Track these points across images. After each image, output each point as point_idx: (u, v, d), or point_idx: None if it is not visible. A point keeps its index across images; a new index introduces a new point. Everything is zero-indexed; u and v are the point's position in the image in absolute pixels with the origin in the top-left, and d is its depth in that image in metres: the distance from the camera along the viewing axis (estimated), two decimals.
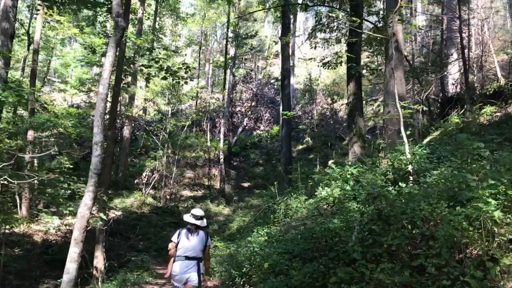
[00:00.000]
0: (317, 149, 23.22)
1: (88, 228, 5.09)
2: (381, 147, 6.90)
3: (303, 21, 45.79)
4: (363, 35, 12.69)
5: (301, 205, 6.71)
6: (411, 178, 5.14)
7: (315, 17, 12.60)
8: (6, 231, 9.32)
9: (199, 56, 29.85)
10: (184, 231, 5.29)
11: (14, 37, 15.28)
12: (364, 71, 13.40)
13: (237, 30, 23.62)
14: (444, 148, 6.98)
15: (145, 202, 17.52)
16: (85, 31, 20.75)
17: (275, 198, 8.80)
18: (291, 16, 23.15)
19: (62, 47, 31.03)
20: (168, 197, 18.73)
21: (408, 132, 6.79)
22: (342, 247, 4.19)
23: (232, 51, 24.78)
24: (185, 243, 5.16)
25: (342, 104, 16.00)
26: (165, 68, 9.35)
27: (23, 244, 11.33)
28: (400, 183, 4.74)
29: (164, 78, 9.70)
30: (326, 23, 11.88)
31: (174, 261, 5.17)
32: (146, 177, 19.08)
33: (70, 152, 15.76)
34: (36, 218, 12.43)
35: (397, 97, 5.79)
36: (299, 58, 38.58)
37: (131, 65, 8.64)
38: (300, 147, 26.18)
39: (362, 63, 12.87)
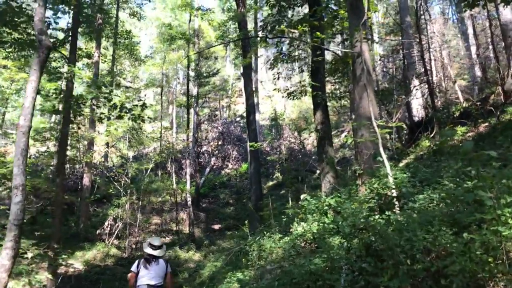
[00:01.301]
0: (287, 184, 22.69)
1: None
2: (357, 174, 6.34)
3: (264, 60, 46.43)
4: (326, 63, 12.51)
5: (276, 244, 5.98)
6: (397, 204, 4.56)
7: (275, 47, 12.30)
8: None
9: (161, 97, 29.25)
10: (142, 260, 5.43)
11: None
12: (330, 100, 13.15)
13: (198, 68, 23.29)
14: (424, 171, 6.51)
15: (108, 254, 16.25)
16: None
17: (246, 239, 8.02)
18: (252, 55, 23.12)
19: (18, 97, 29.79)
20: (133, 246, 17.46)
21: (380, 159, 6.30)
22: None
23: (194, 91, 24.34)
24: (145, 273, 5.23)
25: (310, 133, 15.64)
26: (119, 106, 8.63)
27: None
28: (386, 212, 4.16)
29: (119, 117, 8.95)
30: (287, 53, 11.60)
31: None
32: (109, 226, 17.82)
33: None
34: None
35: (373, 116, 5.30)
36: (263, 96, 38.83)
37: (81, 104, 7.89)
38: (271, 183, 25.55)
39: (327, 92, 12.57)
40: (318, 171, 25.90)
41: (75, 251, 15.90)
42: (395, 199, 4.55)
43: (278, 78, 11.86)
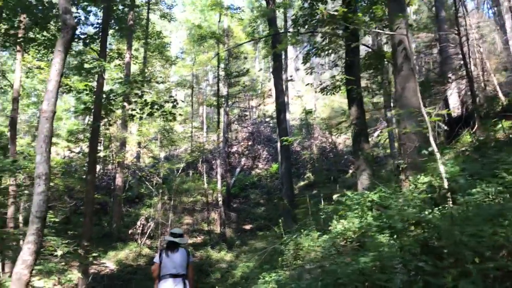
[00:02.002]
0: (319, 184, 22.24)
1: None
2: (401, 168, 5.92)
3: (294, 59, 46.00)
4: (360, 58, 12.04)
5: (314, 243, 5.64)
6: (450, 198, 4.15)
7: (308, 41, 11.93)
8: None
9: (192, 99, 29.35)
10: (164, 250, 5.41)
11: None
12: (365, 96, 12.70)
13: (228, 67, 23.16)
14: (473, 165, 6.03)
15: (141, 253, 16.25)
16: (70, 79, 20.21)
17: (280, 238, 7.69)
18: (282, 53, 22.80)
19: None
20: (161, 241, 17.46)
21: (430, 149, 5.86)
22: None
23: (224, 91, 24.25)
24: (167, 261, 5.20)
25: (342, 132, 15.17)
26: (150, 103, 8.50)
27: None
28: (440, 206, 3.77)
29: (150, 114, 8.82)
30: (320, 47, 11.23)
31: (159, 281, 5.15)
32: (141, 226, 17.87)
33: (57, 205, 14.73)
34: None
35: (421, 103, 4.90)
36: (293, 96, 38.39)
37: (112, 100, 7.80)
38: (302, 183, 25.10)
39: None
40: (351, 171, 25.37)
41: (108, 250, 15.99)
42: (449, 192, 4.14)
43: (311, 73, 11.51)
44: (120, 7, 12.13)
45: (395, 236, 3.57)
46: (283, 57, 25.61)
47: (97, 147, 7.97)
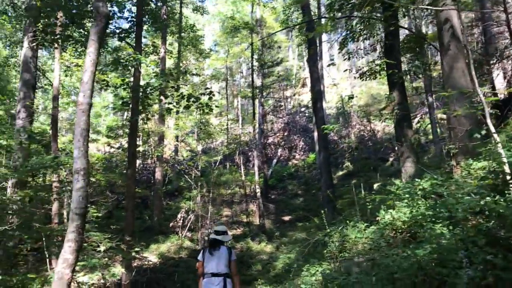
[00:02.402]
0: (359, 173, 21.74)
1: None
2: (451, 153, 5.55)
3: (328, 48, 45.11)
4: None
5: (361, 234, 5.38)
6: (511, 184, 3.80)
7: (345, 25, 11.52)
8: None
9: (226, 91, 29.36)
10: (207, 249, 5.49)
11: (36, 87, 15.05)
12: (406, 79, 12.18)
13: (262, 57, 22.94)
14: None
15: (182, 246, 16.41)
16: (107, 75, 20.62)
17: (323, 229, 7.46)
18: (317, 40, 22.33)
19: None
20: (206, 238, 17.56)
21: (483, 132, 5.47)
22: None
23: (259, 82, 24.07)
24: (210, 260, 5.32)
25: (381, 119, 14.61)
26: (186, 96, 8.43)
27: None
28: (504, 192, 3.45)
29: (187, 107, 8.76)
30: (358, 30, 10.81)
31: (203, 279, 5.28)
32: (181, 219, 18.07)
33: (99, 201, 15.03)
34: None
35: (476, 83, 4.52)
36: (328, 84, 37.70)
37: (149, 94, 7.78)
38: (340, 172, 24.66)
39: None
40: (391, 159, 24.70)
41: (149, 244, 16.23)
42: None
43: (348, 59, 11.11)
44: (154, 0, 12.11)
45: (454, 227, 3.28)
46: (318, 45, 25.12)
47: (136, 141, 7.98)
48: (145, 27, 17.09)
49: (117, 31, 8.46)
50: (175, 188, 23.29)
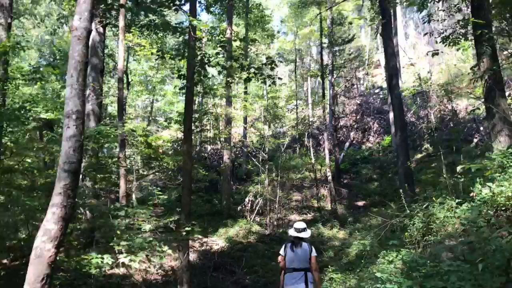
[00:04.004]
0: (439, 155, 19.87)
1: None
2: None
3: (403, 25, 42.27)
4: None
5: (452, 214, 4.41)
6: None
7: None
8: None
9: (295, 73, 28.45)
10: (289, 244, 5.67)
11: (104, 71, 15.30)
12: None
13: (332, 33, 21.74)
14: None
15: (251, 230, 16.01)
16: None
17: (403, 211, 6.49)
18: (391, 11, 20.66)
19: (162, 85, 31.89)
20: (275, 223, 17.06)
21: None
22: None
23: (329, 61, 22.91)
24: (291, 255, 5.53)
25: (464, 98, 12.89)
26: (246, 66, 7.81)
27: None
28: None
29: (248, 79, 8.14)
30: None
31: (284, 273, 5.53)
32: (250, 203, 17.71)
33: (168, 184, 15.05)
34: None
35: None
36: (404, 64, 35.27)
37: (205, 64, 7.23)
38: (419, 155, 22.90)
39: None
40: (475, 139, 22.45)
41: (218, 228, 16.05)
42: None
43: (429, 22, 9.79)
44: None
45: None
46: (393, 19, 23.34)
47: (191, 114, 7.54)
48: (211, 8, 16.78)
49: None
50: (244, 172, 23.06)
